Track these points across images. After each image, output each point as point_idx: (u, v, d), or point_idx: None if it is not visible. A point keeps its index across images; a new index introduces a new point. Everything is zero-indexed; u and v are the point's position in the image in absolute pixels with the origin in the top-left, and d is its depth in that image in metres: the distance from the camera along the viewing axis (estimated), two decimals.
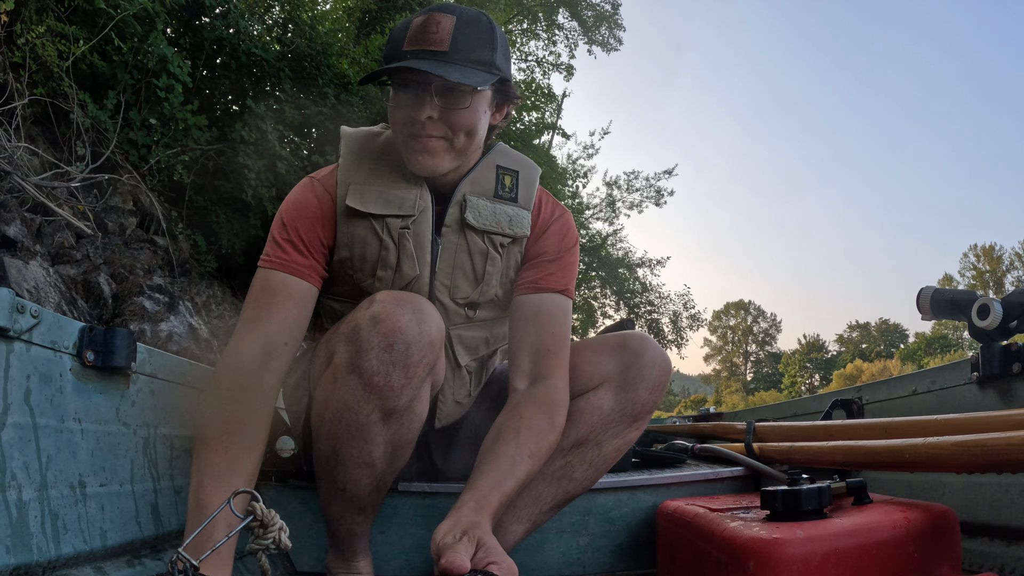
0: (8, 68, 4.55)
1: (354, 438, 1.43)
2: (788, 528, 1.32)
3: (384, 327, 1.37)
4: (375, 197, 1.60)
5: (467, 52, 1.51)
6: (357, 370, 1.38)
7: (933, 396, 1.86)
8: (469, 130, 1.57)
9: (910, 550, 1.33)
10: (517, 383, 1.61)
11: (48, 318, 1.25)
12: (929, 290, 1.82)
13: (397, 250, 1.61)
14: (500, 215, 1.67)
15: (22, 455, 1.15)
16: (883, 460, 1.51)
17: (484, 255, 1.67)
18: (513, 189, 1.72)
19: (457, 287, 1.68)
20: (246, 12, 6.53)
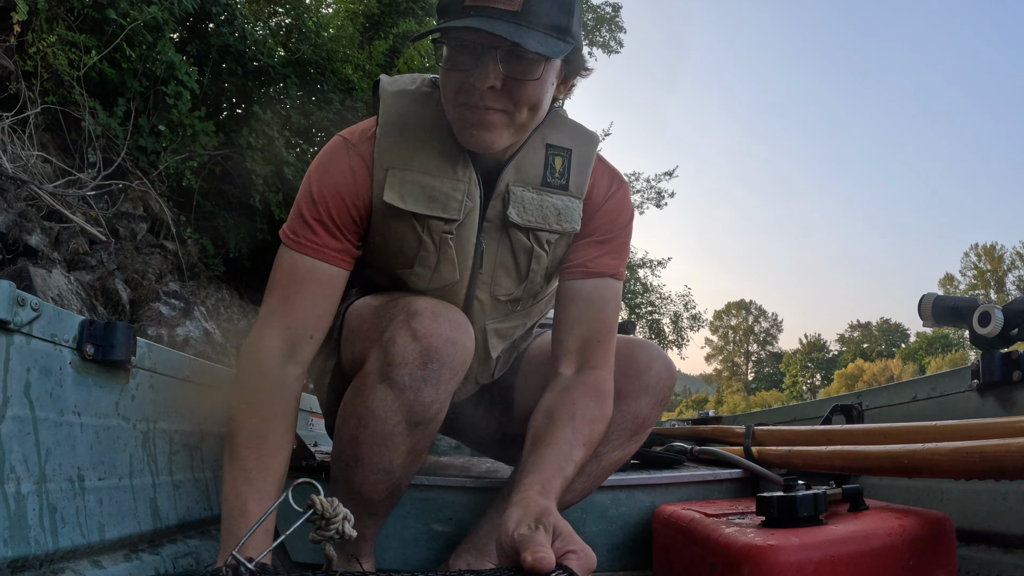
0: (20, 77, 4.61)
1: (377, 445, 1.39)
2: (783, 535, 1.32)
3: (422, 345, 1.32)
4: (417, 191, 1.44)
5: (542, 15, 1.30)
6: (388, 381, 1.34)
7: (933, 403, 1.86)
8: (534, 104, 1.38)
9: (905, 557, 1.33)
10: (563, 368, 1.53)
11: (48, 311, 1.25)
12: (931, 297, 1.83)
13: (437, 253, 1.49)
14: (547, 209, 1.51)
15: (21, 448, 1.16)
16: (881, 466, 1.51)
17: (529, 253, 1.54)
18: (564, 173, 1.53)
19: (499, 285, 1.57)
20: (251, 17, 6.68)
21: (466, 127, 1.38)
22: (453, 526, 1.82)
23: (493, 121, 1.36)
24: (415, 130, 1.47)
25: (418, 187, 1.44)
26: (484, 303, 1.59)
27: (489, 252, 1.53)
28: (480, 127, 1.36)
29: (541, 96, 1.37)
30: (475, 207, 1.47)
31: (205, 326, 5.00)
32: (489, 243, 1.52)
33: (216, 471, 1.79)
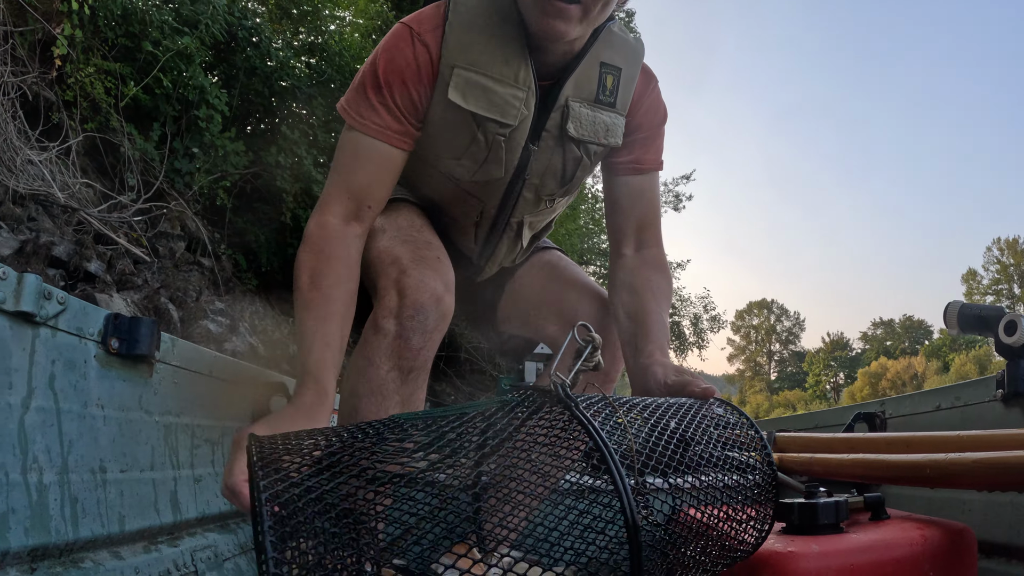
0: (62, 107, 4.87)
1: (373, 394, 1.46)
2: (803, 542, 1.31)
3: (408, 300, 1.45)
4: (479, 93, 1.52)
5: None
6: (380, 330, 1.45)
7: (957, 412, 1.84)
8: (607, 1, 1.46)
9: (926, 568, 1.31)
10: (625, 249, 1.74)
11: (74, 305, 1.26)
12: (956, 305, 1.80)
13: (487, 151, 1.59)
14: (599, 124, 1.64)
15: (44, 439, 1.17)
16: (903, 475, 1.49)
17: (577, 162, 1.67)
18: (614, 92, 1.64)
19: (544, 186, 1.70)
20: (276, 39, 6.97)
21: (542, 16, 1.43)
22: None
23: (571, 13, 1.42)
24: (483, 29, 1.53)
25: (480, 89, 1.52)
26: (528, 200, 1.72)
27: (542, 159, 1.64)
28: (559, 17, 1.42)
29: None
30: (529, 115, 1.57)
31: (250, 340, 5.21)
32: (543, 150, 1.63)
33: None
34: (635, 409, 1.11)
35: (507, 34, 1.52)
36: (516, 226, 1.79)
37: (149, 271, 5.09)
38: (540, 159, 1.64)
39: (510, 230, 1.79)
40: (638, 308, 1.61)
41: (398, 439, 0.99)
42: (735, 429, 1.26)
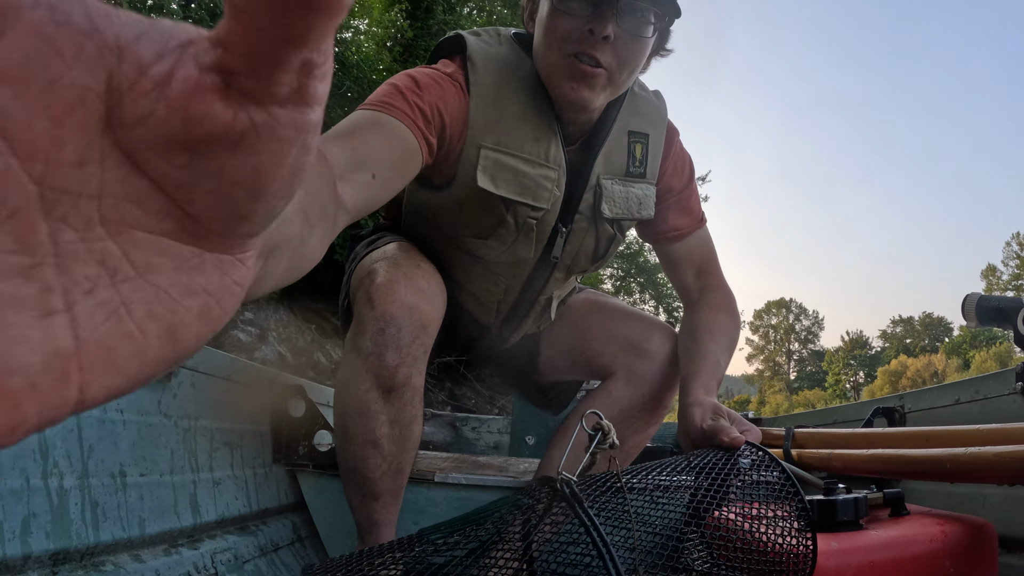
0: None
1: (358, 415, 1.41)
2: (823, 539, 1.29)
3: (377, 311, 1.35)
4: (510, 176, 1.43)
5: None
6: (357, 348, 1.38)
7: (977, 406, 1.82)
8: (635, 66, 1.39)
9: (946, 564, 1.30)
10: (689, 299, 1.72)
11: None
12: (974, 297, 1.78)
13: (516, 233, 1.51)
14: (631, 200, 1.57)
15: (64, 444, 1.18)
16: (923, 470, 1.48)
17: (611, 239, 1.62)
18: (643, 162, 1.57)
19: (576, 264, 1.65)
20: None
21: (567, 81, 1.37)
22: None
23: (597, 80, 1.35)
24: (506, 103, 1.43)
25: (511, 172, 1.43)
26: (559, 279, 1.68)
27: (575, 239, 1.58)
28: (583, 83, 1.36)
29: (641, 58, 1.39)
30: (560, 196, 1.50)
31: (279, 349, 5.34)
32: (576, 231, 1.57)
33: (256, 468, 1.82)
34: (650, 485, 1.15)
35: (532, 106, 1.45)
36: (544, 302, 1.73)
37: None
38: (572, 241, 1.58)
39: (537, 306, 1.73)
40: (693, 349, 1.57)
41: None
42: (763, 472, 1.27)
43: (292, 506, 1.94)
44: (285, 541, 1.80)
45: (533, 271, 1.63)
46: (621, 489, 1.09)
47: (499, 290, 1.67)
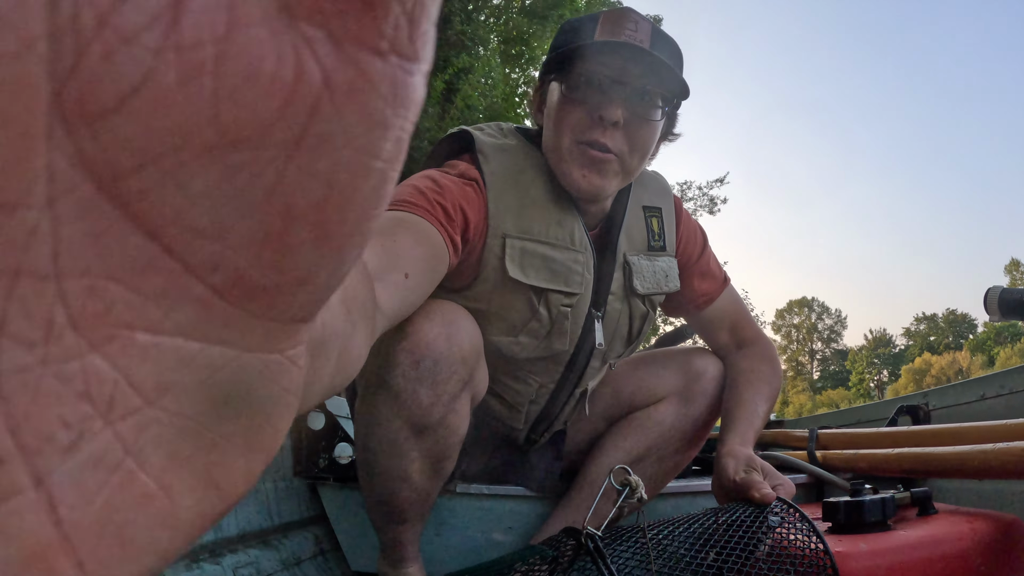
0: None
1: (387, 454, 1.32)
2: (851, 541, 1.28)
3: (410, 343, 1.23)
4: (539, 263, 1.37)
5: (665, 56, 1.31)
6: (384, 385, 1.25)
7: (1003, 400, 1.80)
8: (645, 151, 1.36)
9: (976, 562, 1.28)
10: (728, 356, 1.67)
11: None
12: (996, 291, 1.75)
13: (551, 324, 1.42)
14: (659, 274, 1.54)
15: None
16: (951, 468, 1.46)
17: (644, 317, 1.55)
18: (661, 235, 1.55)
19: (612, 351, 1.57)
20: None
21: (577, 169, 1.34)
22: (514, 535, 1.82)
23: (608, 167, 1.33)
24: (526, 192, 1.39)
25: (540, 259, 1.37)
26: (595, 369, 1.57)
27: (610, 322, 1.51)
28: (594, 170, 1.33)
29: (652, 142, 1.36)
30: (591, 279, 1.44)
31: None
32: (611, 313, 1.50)
33: (277, 482, 1.82)
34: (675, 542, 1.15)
35: (550, 193, 1.40)
36: (579, 396, 1.63)
37: None
38: (608, 324, 1.50)
39: (572, 400, 1.63)
40: (731, 399, 1.55)
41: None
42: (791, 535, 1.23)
43: (314, 519, 1.94)
44: (307, 554, 1.80)
45: (568, 364, 1.53)
46: (646, 546, 1.09)
47: (531, 390, 1.58)
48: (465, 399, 1.34)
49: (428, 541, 1.79)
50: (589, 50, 1.29)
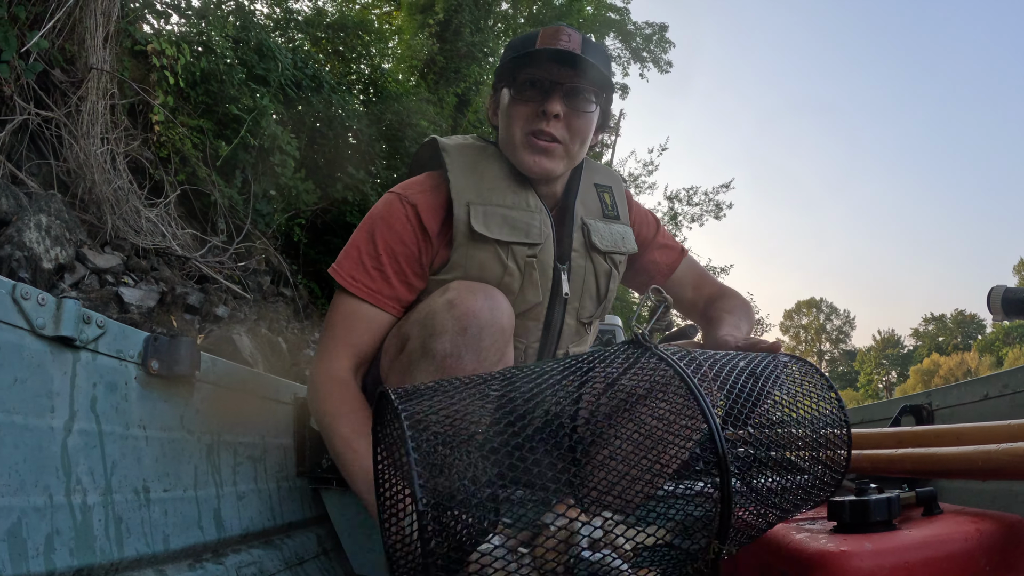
0: (159, 164, 5.58)
1: None
2: (856, 540, 1.28)
3: (459, 311, 1.38)
4: (499, 221, 1.60)
5: (594, 59, 1.58)
6: (430, 353, 1.38)
7: (1006, 400, 1.79)
8: (584, 138, 1.63)
9: (981, 562, 1.28)
10: (698, 308, 1.92)
11: (114, 328, 1.29)
12: (1000, 290, 1.73)
13: (522, 277, 1.61)
14: (615, 235, 1.76)
15: (87, 460, 1.19)
16: (955, 468, 1.45)
17: (608, 275, 1.75)
18: (614, 206, 1.80)
19: (584, 308, 1.74)
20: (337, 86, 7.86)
21: (528, 154, 1.61)
22: None
23: (553, 150, 1.60)
24: (484, 171, 1.65)
25: (500, 218, 1.60)
26: (570, 326, 1.73)
27: (577, 277, 1.70)
28: (542, 155, 1.60)
29: (589, 131, 1.64)
30: (550, 234, 1.64)
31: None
32: (576, 269, 1.70)
33: (280, 482, 1.82)
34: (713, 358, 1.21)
35: (507, 174, 1.66)
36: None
37: (247, 306, 5.69)
38: (574, 279, 1.69)
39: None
40: (714, 322, 1.75)
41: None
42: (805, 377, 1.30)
43: (317, 519, 1.94)
44: (310, 554, 1.80)
45: (546, 320, 1.69)
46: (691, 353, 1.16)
47: (519, 356, 1.69)
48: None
49: None
50: (531, 58, 1.57)
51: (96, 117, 4.80)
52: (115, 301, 4.30)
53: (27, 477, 1.07)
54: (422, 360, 1.39)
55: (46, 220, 3.99)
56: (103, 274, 4.43)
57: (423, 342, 1.40)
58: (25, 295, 1.09)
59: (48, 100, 4.58)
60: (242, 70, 6.45)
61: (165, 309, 4.68)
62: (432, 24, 11.19)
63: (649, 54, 20.53)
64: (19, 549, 1.02)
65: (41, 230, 3.94)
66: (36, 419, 1.11)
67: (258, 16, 8.09)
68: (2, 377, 1.06)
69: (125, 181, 5.05)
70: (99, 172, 4.75)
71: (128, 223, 4.95)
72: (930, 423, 2.06)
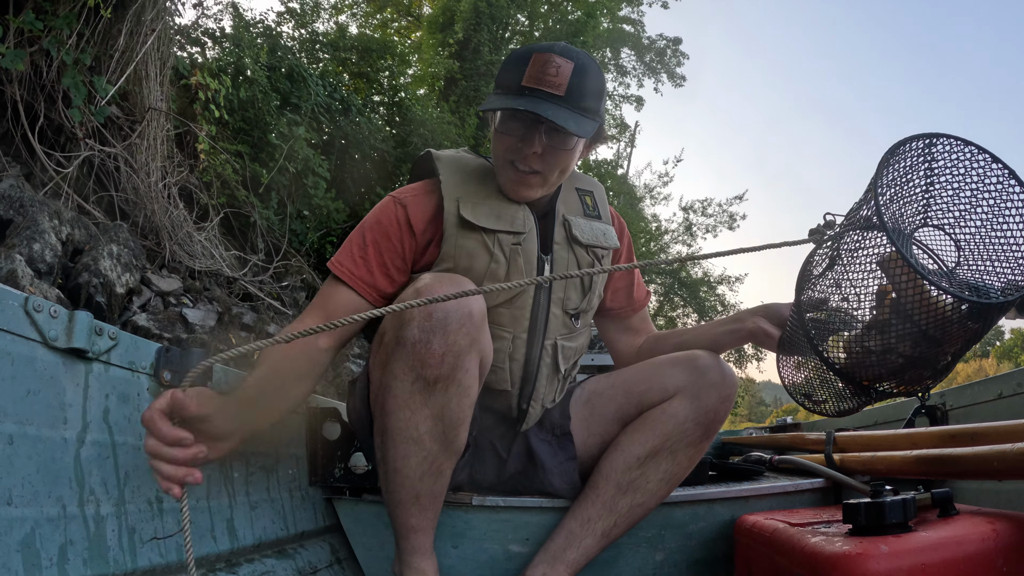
0: (203, 189, 6.00)
1: (400, 409, 1.47)
2: (871, 543, 1.27)
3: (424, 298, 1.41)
4: (487, 212, 1.70)
5: (579, 100, 1.63)
6: (401, 341, 1.43)
7: (1020, 399, 1.77)
8: (564, 169, 1.71)
9: (999, 563, 1.26)
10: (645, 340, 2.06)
11: (126, 340, 1.29)
12: None
13: (507, 264, 1.70)
14: (596, 231, 1.85)
15: (100, 471, 1.19)
16: (970, 469, 1.44)
17: (590, 267, 1.82)
18: (595, 208, 1.91)
19: (569, 298, 1.81)
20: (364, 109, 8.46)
21: (509, 182, 1.71)
22: (531, 546, 1.81)
23: (532, 182, 1.70)
24: (473, 175, 1.78)
25: (486, 208, 1.71)
26: (556, 316, 1.80)
27: (559, 267, 1.78)
28: (521, 185, 1.70)
29: (570, 163, 1.72)
30: (533, 227, 1.74)
31: None
32: (559, 260, 1.79)
33: (292, 491, 1.82)
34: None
35: (492, 180, 1.77)
36: (552, 350, 1.82)
37: (287, 321, 5.95)
38: (557, 269, 1.79)
39: (546, 355, 1.81)
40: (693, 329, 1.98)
41: None
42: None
43: (329, 528, 1.94)
44: (323, 564, 1.79)
45: (532, 309, 1.76)
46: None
47: (507, 344, 1.75)
48: (474, 360, 1.50)
49: (446, 554, 1.79)
50: (517, 93, 1.63)
51: (154, 152, 5.27)
52: (181, 321, 4.67)
53: (40, 488, 1.07)
54: (396, 349, 1.44)
55: (116, 248, 4.28)
56: (166, 296, 4.84)
57: (396, 333, 1.44)
58: (37, 307, 1.10)
59: (108, 135, 4.96)
60: (276, 97, 6.89)
61: (224, 328, 5.14)
62: (452, 44, 11.37)
63: (663, 66, 20.78)
64: (33, 559, 1.02)
65: (113, 258, 4.22)
66: (49, 430, 1.12)
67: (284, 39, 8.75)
68: (15, 389, 1.06)
69: (181, 209, 5.48)
70: (157, 202, 5.17)
71: (183, 247, 5.36)
72: (944, 423, 2.04)
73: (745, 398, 47.80)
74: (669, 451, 1.72)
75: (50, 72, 4.41)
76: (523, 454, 1.87)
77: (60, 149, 4.60)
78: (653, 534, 1.88)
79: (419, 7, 17.42)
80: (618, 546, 1.83)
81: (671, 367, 1.78)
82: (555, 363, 1.82)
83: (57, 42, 4.30)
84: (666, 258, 1.83)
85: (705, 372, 1.75)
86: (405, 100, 9.38)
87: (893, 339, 1.40)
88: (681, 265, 20.59)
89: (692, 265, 21.69)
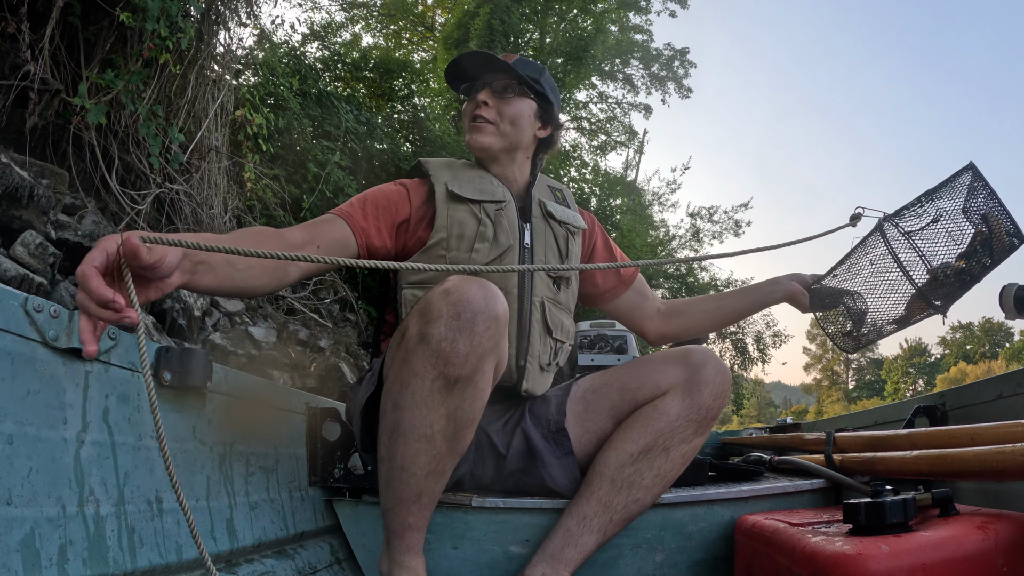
0: (247, 212, 6.60)
1: (417, 406, 1.48)
2: (872, 543, 1.27)
3: (453, 297, 1.45)
4: (471, 188, 1.94)
5: (519, 68, 1.99)
6: (426, 338, 1.44)
7: (1020, 399, 1.76)
8: (513, 119, 2.00)
9: (999, 563, 1.26)
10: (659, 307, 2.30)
11: (126, 339, 1.30)
12: (1012, 288, 1.70)
13: (494, 226, 1.90)
14: (568, 215, 2.08)
15: (100, 471, 1.20)
16: (970, 469, 1.44)
17: (565, 239, 2.04)
18: (564, 200, 2.15)
19: (548, 261, 1.99)
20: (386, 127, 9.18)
21: (470, 135, 2.00)
22: (530, 547, 1.81)
23: (485, 128, 1.99)
24: (457, 167, 2.03)
25: (471, 185, 1.95)
26: (541, 276, 1.95)
27: (539, 234, 1.99)
28: (477, 132, 1.99)
29: (517, 114, 2.00)
30: (512, 201, 1.98)
31: None
32: (537, 228, 2.00)
33: (292, 492, 1.83)
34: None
35: (477, 174, 2.02)
36: (540, 308, 1.94)
37: (327, 333, 6.42)
38: (537, 235, 1.99)
39: (536, 311, 1.92)
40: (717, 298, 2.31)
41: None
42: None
43: (329, 529, 1.94)
44: (323, 564, 1.80)
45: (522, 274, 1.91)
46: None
47: None
48: (492, 363, 1.53)
49: (445, 555, 1.79)
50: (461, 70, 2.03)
51: (216, 189, 5.92)
52: (248, 339, 5.08)
53: (40, 488, 1.07)
54: (419, 346, 1.45)
55: None
56: (232, 316, 5.30)
57: (420, 329, 1.46)
58: (38, 307, 1.11)
59: (174, 173, 5.61)
60: (310, 123, 7.49)
61: (283, 343, 5.62)
62: None
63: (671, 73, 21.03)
64: (32, 559, 1.02)
65: None
66: (49, 430, 1.12)
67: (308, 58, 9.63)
68: (15, 389, 1.06)
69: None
70: (217, 230, 5.63)
71: None
72: (944, 423, 2.03)
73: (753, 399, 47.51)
74: (662, 448, 1.74)
75: (122, 119, 5.01)
76: (523, 450, 1.88)
77: (131, 187, 5.23)
78: (653, 534, 1.87)
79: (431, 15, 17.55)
80: (618, 547, 1.83)
81: (664, 364, 1.81)
82: (545, 323, 1.94)
83: (131, 95, 4.91)
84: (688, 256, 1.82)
85: (698, 369, 1.78)
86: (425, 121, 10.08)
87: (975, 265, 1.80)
88: (689, 270, 20.74)
89: (699, 270, 21.91)
